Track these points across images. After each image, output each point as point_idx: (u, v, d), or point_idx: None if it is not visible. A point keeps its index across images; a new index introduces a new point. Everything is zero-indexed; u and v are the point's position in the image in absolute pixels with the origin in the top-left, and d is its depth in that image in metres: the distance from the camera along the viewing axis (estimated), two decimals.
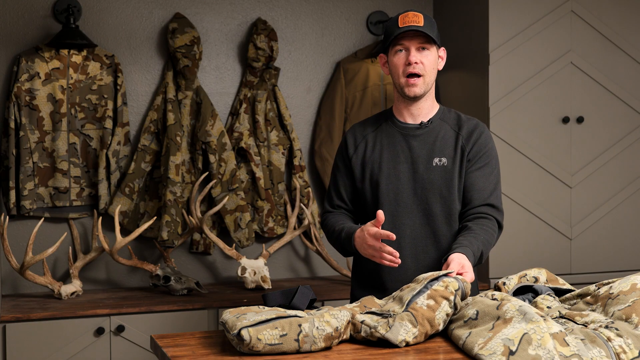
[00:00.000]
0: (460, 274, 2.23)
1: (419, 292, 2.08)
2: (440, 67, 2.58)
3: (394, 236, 2.32)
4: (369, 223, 2.39)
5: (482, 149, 2.54)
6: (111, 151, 3.75)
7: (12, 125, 3.61)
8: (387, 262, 2.35)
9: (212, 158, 3.83)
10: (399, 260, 2.34)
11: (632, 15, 3.91)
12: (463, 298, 2.13)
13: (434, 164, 2.52)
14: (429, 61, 2.51)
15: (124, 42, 3.85)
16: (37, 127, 3.67)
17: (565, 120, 3.84)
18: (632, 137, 3.94)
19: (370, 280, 2.60)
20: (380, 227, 2.36)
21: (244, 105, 3.93)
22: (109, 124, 3.75)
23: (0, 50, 3.70)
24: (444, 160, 2.52)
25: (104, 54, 3.76)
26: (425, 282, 2.11)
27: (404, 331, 2.01)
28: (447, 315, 2.09)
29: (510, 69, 3.76)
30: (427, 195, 2.52)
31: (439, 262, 2.51)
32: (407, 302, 2.07)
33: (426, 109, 2.58)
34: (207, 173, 3.83)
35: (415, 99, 2.54)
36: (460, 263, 2.26)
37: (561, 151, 3.84)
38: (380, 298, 2.40)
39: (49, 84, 3.67)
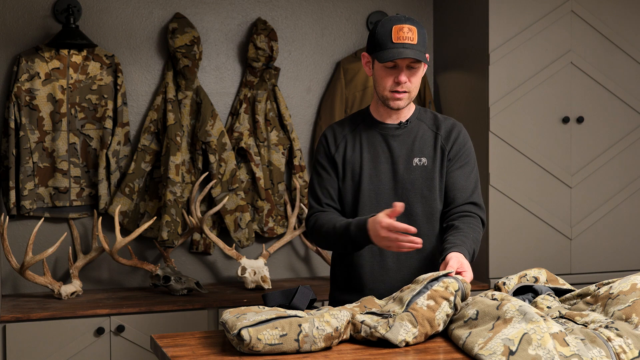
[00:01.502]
0: (460, 273, 2.23)
1: (419, 293, 2.09)
2: (423, 73, 2.54)
3: (413, 229, 2.27)
4: (381, 213, 2.32)
5: (461, 148, 2.55)
6: (111, 151, 3.75)
7: (12, 125, 3.61)
8: (407, 248, 2.29)
9: (212, 158, 3.83)
10: (420, 240, 2.28)
11: (632, 15, 3.91)
12: (463, 299, 2.13)
13: (414, 164, 2.52)
14: (417, 77, 2.49)
15: (124, 42, 3.85)
16: (37, 127, 3.67)
17: (565, 120, 3.84)
18: (632, 137, 3.95)
19: (351, 281, 2.58)
20: (395, 219, 2.30)
21: (244, 105, 3.93)
22: (109, 124, 3.75)
23: (0, 50, 3.70)
24: (424, 160, 2.53)
25: (104, 54, 3.76)
26: (425, 283, 2.11)
27: (403, 331, 2.01)
28: (447, 315, 2.09)
29: (510, 69, 3.76)
30: (408, 196, 2.52)
31: (421, 262, 2.52)
32: (407, 302, 2.07)
33: (405, 111, 2.58)
34: (207, 173, 3.83)
35: (398, 109, 2.53)
36: (459, 261, 2.26)
37: (561, 151, 3.84)
38: (359, 299, 2.40)
39: (49, 84, 3.67)
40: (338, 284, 2.64)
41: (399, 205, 2.26)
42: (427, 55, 2.53)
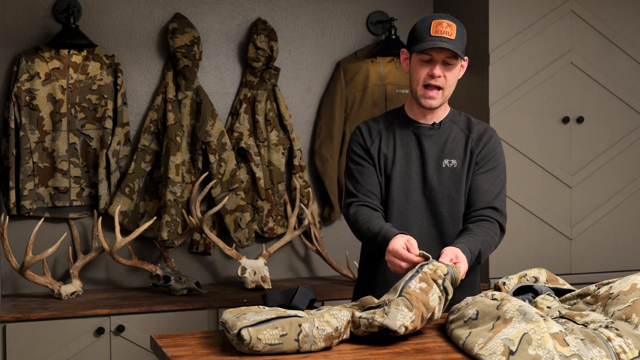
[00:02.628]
0: (455, 264, 2.23)
1: (411, 277, 2.09)
2: (460, 76, 2.55)
3: (419, 260, 2.23)
4: (399, 244, 2.27)
5: (490, 152, 2.55)
6: (111, 151, 3.75)
7: (12, 125, 3.61)
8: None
9: (212, 158, 3.83)
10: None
11: (632, 15, 3.91)
12: (453, 284, 2.13)
13: (444, 165, 2.53)
14: (452, 75, 2.49)
15: (124, 42, 3.85)
16: (37, 127, 3.67)
17: (565, 120, 3.84)
18: (632, 137, 3.95)
19: (374, 276, 2.61)
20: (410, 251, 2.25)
21: (244, 105, 3.93)
22: (109, 124, 3.75)
23: (0, 50, 3.70)
24: (453, 162, 2.53)
25: (104, 54, 3.76)
26: (417, 268, 2.12)
27: (401, 316, 2.01)
28: (440, 298, 2.09)
29: (510, 69, 3.76)
30: (435, 196, 2.53)
31: None
32: (400, 288, 2.08)
33: (439, 113, 2.58)
34: (207, 173, 3.83)
35: (431, 109, 2.53)
36: (453, 253, 2.26)
37: (561, 151, 3.84)
38: (380, 295, 2.40)
39: (49, 84, 3.67)
40: (363, 279, 2.66)
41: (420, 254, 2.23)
42: (466, 57, 2.53)
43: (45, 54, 3.66)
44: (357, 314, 2.09)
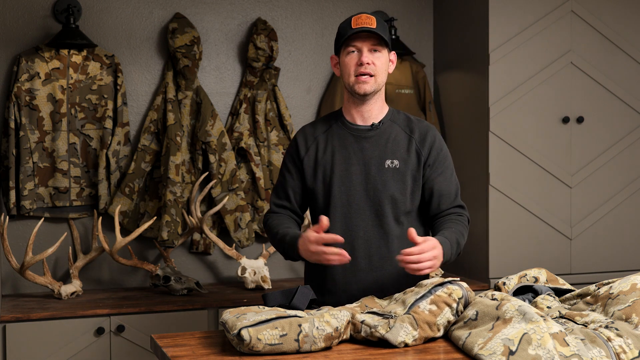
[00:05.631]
0: (430, 260, 2.24)
1: (423, 297, 2.09)
2: (391, 70, 2.58)
3: (341, 238, 2.33)
4: (309, 230, 2.37)
5: (439, 153, 2.58)
6: (111, 151, 3.75)
7: (12, 125, 3.61)
8: (336, 261, 2.33)
9: (212, 158, 3.83)
10: (348, 256, 2.32)
11: (632, 15, 3.91)
12: (466, 306, 2.13)
13: (386, 166, 2.53)
14: (381, 62, 2.52)
15: (124, 42, 3.86)
16: (37, 127, 3.67)
17: (565, 120, 3.84)
18: (632, 137, 3.95)
19: (324, 282, 2.59)
20: (322, 232, 2.34)
21: (244, 105, 3.93)
22: (109, 124, 3.75)
23: (0, 50, 3.70)
24: (396, 162, 2.53)
25: (104, 54, 3.76)
26: (430, 287, 2.11)
27: (403, 333, 2.01)
28: (449, 322, 2.09)
29: (510, 69, 3.76)
30: (379, 197, 2.53)
31: (392, 262, 2.51)
32: (409, 305, 2.08)
33: (376, 111, 2.58)
34: (207, 173, 3.83)
35: (365, 97, 2.53)
36: (427, 242, 2.26)
37: (561, 151, 3.85)
38: (332, 299, 2.41)
39: (49, 84, 3.67)
40: (311, 285, 2.64)
41: (325, 219, 2.33)
42: (393, 52, 2.58)
43: (45, 54, 3.66)
44: (360, 317, 2.09)
